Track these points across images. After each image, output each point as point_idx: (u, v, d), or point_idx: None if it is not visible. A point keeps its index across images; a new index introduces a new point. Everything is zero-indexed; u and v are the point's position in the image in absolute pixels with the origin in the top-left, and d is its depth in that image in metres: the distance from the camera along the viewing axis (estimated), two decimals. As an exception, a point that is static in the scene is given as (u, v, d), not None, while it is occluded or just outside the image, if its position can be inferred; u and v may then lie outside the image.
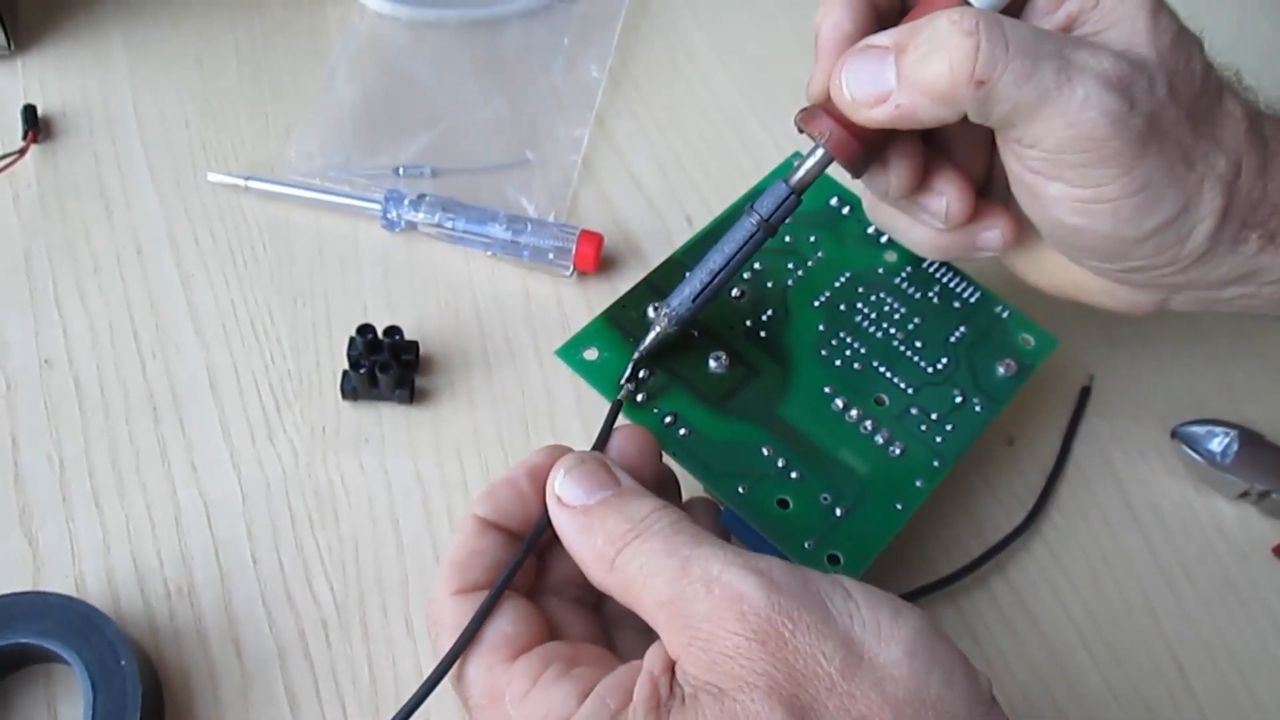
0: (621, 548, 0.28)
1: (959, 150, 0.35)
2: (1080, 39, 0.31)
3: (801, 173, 0.34)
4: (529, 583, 0.31)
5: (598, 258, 0.45)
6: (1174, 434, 0.41)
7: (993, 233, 0.36)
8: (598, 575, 0.28)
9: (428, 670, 0.29)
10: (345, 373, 0.41)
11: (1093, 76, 0.29)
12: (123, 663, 0.33)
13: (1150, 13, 0.31)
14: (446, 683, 0.29)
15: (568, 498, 0.29)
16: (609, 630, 0.32)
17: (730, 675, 0.25)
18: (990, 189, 0.36)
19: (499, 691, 0.27)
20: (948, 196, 0.34)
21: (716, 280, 0.35)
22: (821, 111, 0.33)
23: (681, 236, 0.45)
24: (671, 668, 0.26)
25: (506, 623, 0.29)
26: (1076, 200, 0.32)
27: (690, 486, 0.36)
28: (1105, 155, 0.30)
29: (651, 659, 0.26)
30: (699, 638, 0.25)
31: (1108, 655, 0.38)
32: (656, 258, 0.41)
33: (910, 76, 0.30)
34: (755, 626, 0.25)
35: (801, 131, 0.33)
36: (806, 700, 0.24)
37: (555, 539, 0.30)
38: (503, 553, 0.30)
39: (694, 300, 0.35)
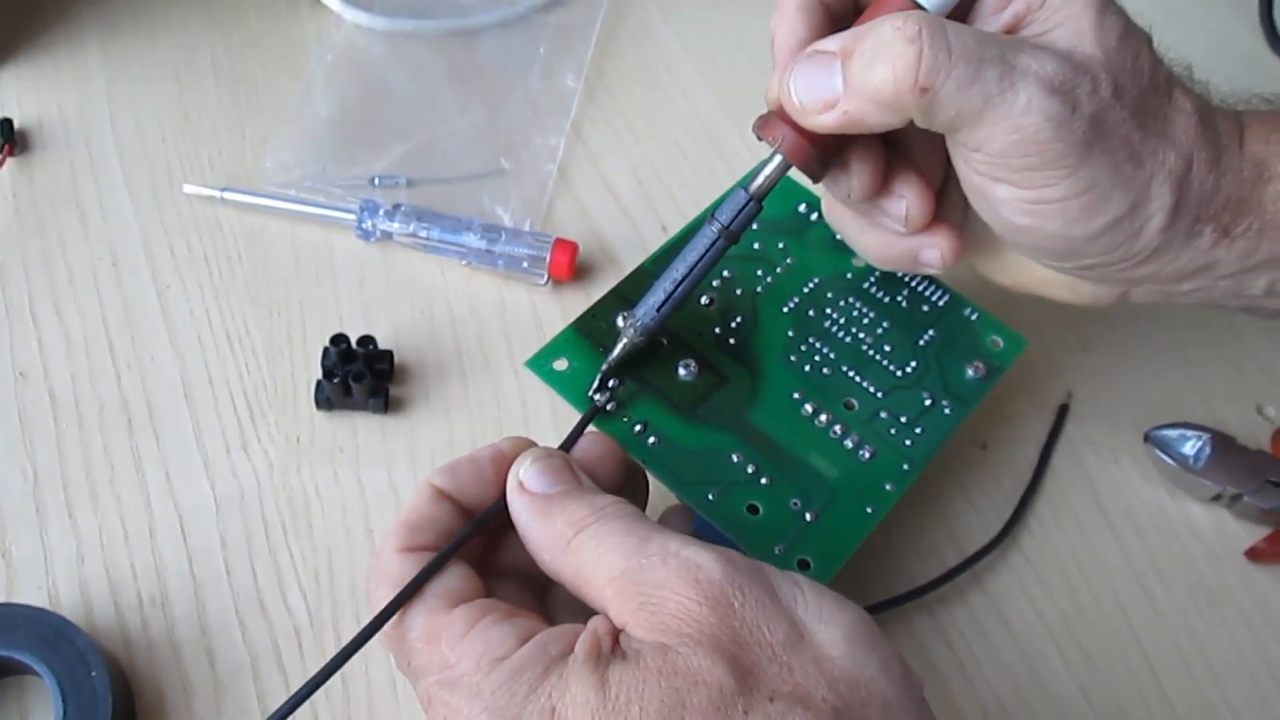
0: (581, 529, 0.28)
1: (917, 153, 0.35)
2: (1024, 41, 0.31)
3: (760, 179, 0.34)
4: (475, 561, 0.31)
5: (573, 266, 0.45)
6: (1147, 438, 0.42)
7: (932, 252, 0.36)
8: (550, 558, 0.29)
9: (400, 682, 0.29)
10: (319, 382, 0.41)
11: (1035, 81, 0.29)
12: (93, 674, 0.33)
13: (1096, 11, 0.31)
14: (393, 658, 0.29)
15: (530, 484, 0.30)
16: (552, 619, 0.32)
17: (677, 633, 0.25)
18: (948, 191, 0.36)
19: (436, 634, 0.27)
20: (907, 200, 0.34)
21: (680, 289, 0.35)
22: (776, 117, 0.33)
23: (657, 244, 0.45)
24: (616, 633, 0.26)
25: (451, 579, 0.29)
26: (1023, 201, 0.32)
27: (661, 494, 0.36)
28: (1049, 158, 0.30)
29: (596, 621, 0.27)
30: (650, 603, 0.26)
31: (1081, 659, 0.38)
32: (632, 266, 0.41)
33: (856, 83, 0.30)
34: (708, 593, 0.26)
35: (761, 139, 0.34)
36: (748, 664, 0.25)
37: (505, 527, 0.30)
38: (454, 523, 0.30)
39: (658, 310, 0.35)
